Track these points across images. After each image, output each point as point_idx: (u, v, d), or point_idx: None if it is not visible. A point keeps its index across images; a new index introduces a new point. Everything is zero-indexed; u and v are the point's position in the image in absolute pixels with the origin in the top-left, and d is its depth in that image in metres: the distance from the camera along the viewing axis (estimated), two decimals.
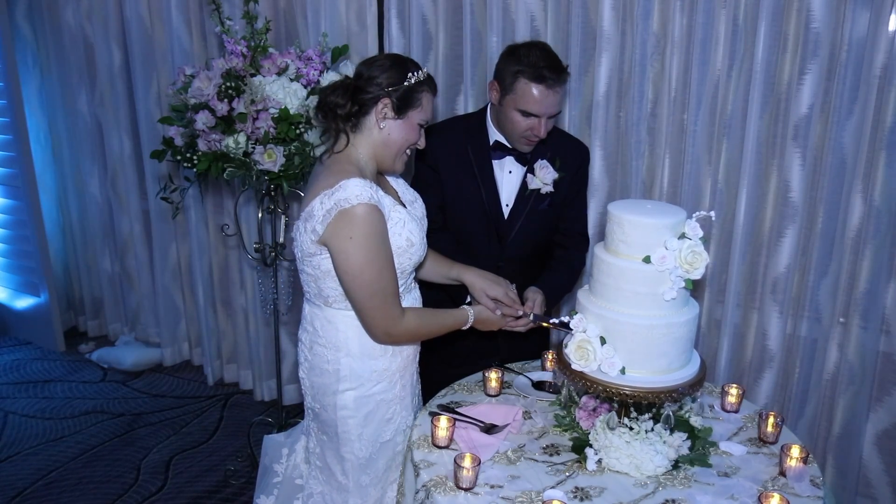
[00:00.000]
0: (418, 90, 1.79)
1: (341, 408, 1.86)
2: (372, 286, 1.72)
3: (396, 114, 1.78)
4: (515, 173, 2.27)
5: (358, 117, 1.78)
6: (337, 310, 1.83)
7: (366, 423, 1.87)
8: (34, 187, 4.03)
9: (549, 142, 2.22)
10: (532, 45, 2.14)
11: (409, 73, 1.77)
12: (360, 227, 1.67)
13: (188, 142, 2.57)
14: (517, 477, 1.69)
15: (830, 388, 2.62)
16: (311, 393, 1.93)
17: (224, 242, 3.73)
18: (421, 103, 1.81)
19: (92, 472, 3.14)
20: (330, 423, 1.89)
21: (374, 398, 1.87)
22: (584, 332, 1.72)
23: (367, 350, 1.84)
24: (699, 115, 2.55)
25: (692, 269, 1.64)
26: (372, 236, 1.69)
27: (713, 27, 2.48)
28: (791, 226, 2.52)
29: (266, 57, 2.52)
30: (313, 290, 1.85)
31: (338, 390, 1.85)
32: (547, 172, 2.22)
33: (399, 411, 1.93)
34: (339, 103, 1.77)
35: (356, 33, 3.04)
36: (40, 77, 4.18)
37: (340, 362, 1.84)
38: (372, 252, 1.70)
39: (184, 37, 3.47)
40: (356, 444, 1.88)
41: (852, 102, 2.36)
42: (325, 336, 1.86)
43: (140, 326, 4.29)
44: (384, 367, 1.87)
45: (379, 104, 1.77)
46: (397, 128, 1.79)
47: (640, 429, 1.71)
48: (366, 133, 1.80)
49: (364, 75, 1.79)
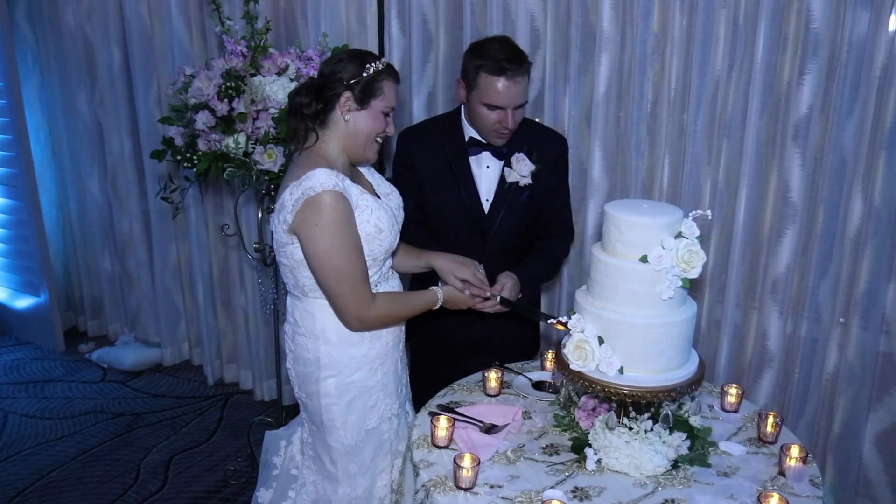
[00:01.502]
0: (378, 79, 1.86)
1: (324, 395, 1.91)
2: (339, 272, 1.78)
3: (360, 105, 1.85)
4: (493, 168, 2.29)
5: (324, 114, 1.86)
6: (314, 299, 1.89)
7: (349, 411, 1.92)
8: (34, 187, 4.03)
9: (525, 134, 2.26)
10: (492, 39, 2.19)
11: (367, 65, 1.84)
12: (326, 214, 1.74)
13: (188, 142, 2.57)
14: (517, 477, 1.69)
15: (830, 389, 2.62)
16: (298, 382, 1.99)
17: (224, 242, 3.73)
18: (382, 92, 1.87)
19: (92, 472, 3.14)
20: (315, 411, 1.95)
21: (356, 385, 1.92)
22: (581, 331, 1.72)
23: (343, 337, 1.89)
24: (699, 115, 2.55)
25: (689, 269, 1.64)
26: (337, 223, 1.75)
27: (713, 27, 2.47)
28: (791, 226, 2.52)
29: (266, 57, 2.52)
30: (291, 280, 1.92)
31: (319, 378, 1.91)
32: (524, 165, 2.25)
33: (382, 399, 1.97)
34: (304, 103, 1.85)
35: (356, 33, 3.04)
36: (40, 77, 4.18)
37: (320, 350, 1.90)
38: (338, 238, 1.76)
39: (184, 37, 3.47)
40: (341, 432, 1.93)
41: (852, 102, 2.36)
42: (305, 326, 1.92)
43: (140, 326, 4.29)
44: (363, 353, 1.92)
45: (342, 98, 1.84)
46: (362, 118, 1.86)
47: (640, 428, 1.71)
48: (333, 128, 1.87)
49: (325, 73, 1.86)
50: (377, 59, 1.87)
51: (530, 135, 2.29)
